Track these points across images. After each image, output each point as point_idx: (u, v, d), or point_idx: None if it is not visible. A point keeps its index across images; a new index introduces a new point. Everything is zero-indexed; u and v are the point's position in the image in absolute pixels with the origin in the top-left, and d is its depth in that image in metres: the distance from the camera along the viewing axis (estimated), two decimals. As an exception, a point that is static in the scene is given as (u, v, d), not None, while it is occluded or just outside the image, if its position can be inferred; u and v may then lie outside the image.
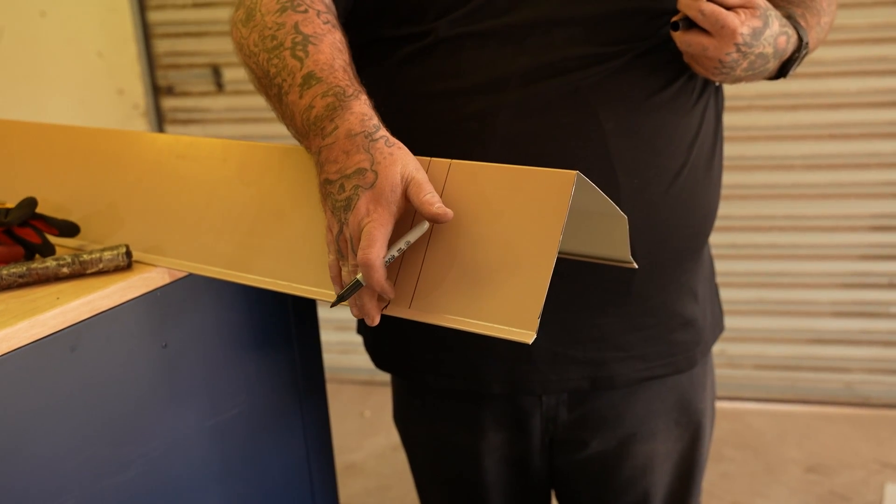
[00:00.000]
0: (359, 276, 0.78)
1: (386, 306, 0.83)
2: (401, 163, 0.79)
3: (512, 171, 0.80)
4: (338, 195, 0.80)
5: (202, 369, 0.98)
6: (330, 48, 0.87)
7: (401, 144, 0.81)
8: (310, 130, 0.84)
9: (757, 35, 0.95)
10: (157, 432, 0.93)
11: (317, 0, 0.93)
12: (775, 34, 0.97)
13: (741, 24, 0.93)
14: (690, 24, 0.95)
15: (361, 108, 0.82)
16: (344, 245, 0.80)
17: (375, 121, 0.82)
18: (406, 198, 0.79)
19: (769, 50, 0.97)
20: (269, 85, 0.89)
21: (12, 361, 0.78)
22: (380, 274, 0.77)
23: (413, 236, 0.79)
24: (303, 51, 0.87)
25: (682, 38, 0.96)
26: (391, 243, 0.78)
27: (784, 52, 1.00)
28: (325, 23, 0.91)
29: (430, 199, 0.78)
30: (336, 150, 0.81)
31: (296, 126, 0.87)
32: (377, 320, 0.82)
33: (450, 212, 0.78)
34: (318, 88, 0.84)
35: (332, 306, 0.83)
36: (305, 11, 0.91)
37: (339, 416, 2.76)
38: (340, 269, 0.83)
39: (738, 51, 0.95)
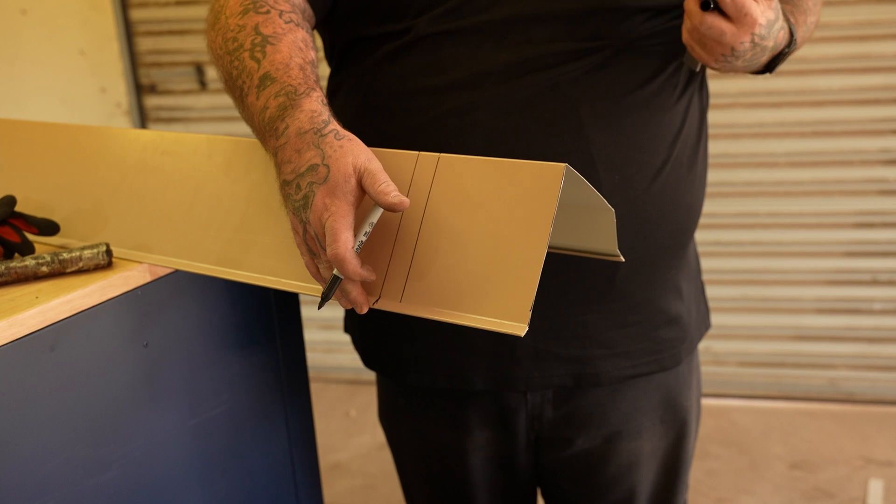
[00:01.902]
0: (335, 270, 0.79)
1: (377, 300, 0.83)
2: (351, 154, 0.79)
3: (501, 165, 0.80)
4: (295, 195, 0.80)
5: (184, 368, 0.97)
6: (289, 47, 0.88)
7: (352, 136, 0.81)
8: (266, 132, 0.85)
9: (770, 27, 0.94)
10: (139, 432, 0.93)
11: (280, 0, 0.94)
12: (779, 28, 0.97)
13: (761, 14, 0.92)
14: (711, 7, 0.93)
15: (311, 105, 0.82)
16: (313, 243, 0.81)
17: (325, 116, 0.82)
18: (361, 187, 0.79)
19: (770, 43, 0.97)
20: (232, 87, 0.90)
21: (-10, 361, 0.77)
22: (353, 265, 0.77)
23: (374, 217, 0.80)
24: (261, 52, 0.88)
25: (704, 19, 0.93)
26: (356, 229, 0.79)
27: (778, 46, 1.00)
28: (287, 22, 0.91)
29: (385, 189, 0.78)
30: (289, 150, 0.81)
31: (255, 128, 0.88)
32: (366, 308, 0.83)
33: (406, 200, 0.78)
34: (272, 89, 0.85)
35: (319, 308, 0.83)
36: (267, 12, 0.91)
37: (324, 415, 2.76)
38: (318, 268, 0.83)
39: (752, 41, 0.94)
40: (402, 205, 0.78)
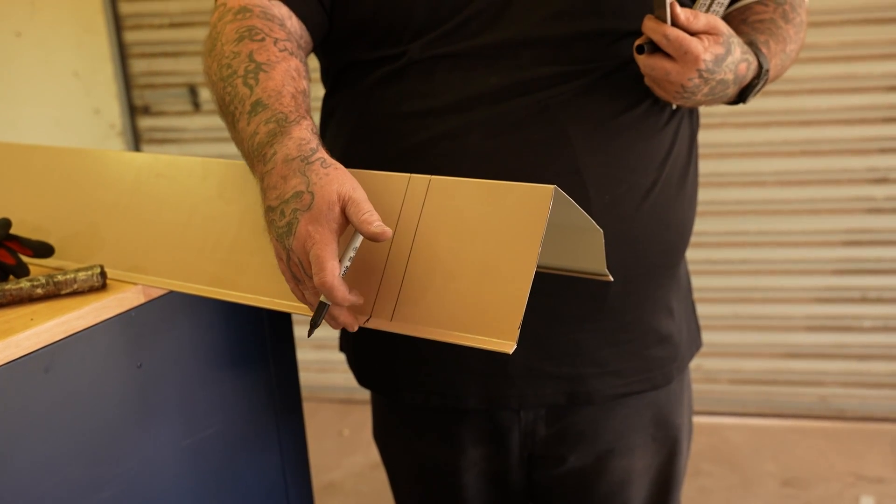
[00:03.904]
0: (322, 297, 0.79)
1: (368, 319, 0.84)
2: (337, 182, 0.79)
3: (491, 186, 0.81)
4: (279, 221, 0.80)
5: (178, 389, 0.98)
6: (282, 75, 0.89)
7: (338, 165, 0.82)
8: (254, 157, 0.85)
9: (719, 62, 0.96)
10: (132, 453, 0.93)
11: (276, 28, 0.95)
12: (737, 61, 0.99)
13: (704, 50, 0.94)
14: (654, 49, 0.96)
15: (300, 133, 0.83)
16: (297, 270, 0.81)
17: (314, 144, 0.83)
18: (345, 215, 0.79)
19: (730, 76, 0.99)
20: (226, 113, 0.91)
21: (-14, 383, 0.78)
22: (342, 291, 0.77)
23: (357, 242, 0.80)
24: (254, 78, 0.88)
25: (645, 62, 0.97)
26: (340, 255, 0.79)
27: (744, 78, 1.02)
28: (281, 50, 0.92)
29: (369, 219, 0.78)
30: (275, 176, 0.81)
31: (244, 153, 0.88)
32: (356, 326, 0.83)
33: (388, 230, 0.78)
34: (262, 115, 0.85)
35: (308, 336, 0.84)
36: (262, 40, 0.92)
37: (317, 434, 2.75)
38: (303, 294, 0.83)
39: (700, 76, 0.96)
40: (383, 235, 0.77)
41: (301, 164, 0.80)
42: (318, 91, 1.14)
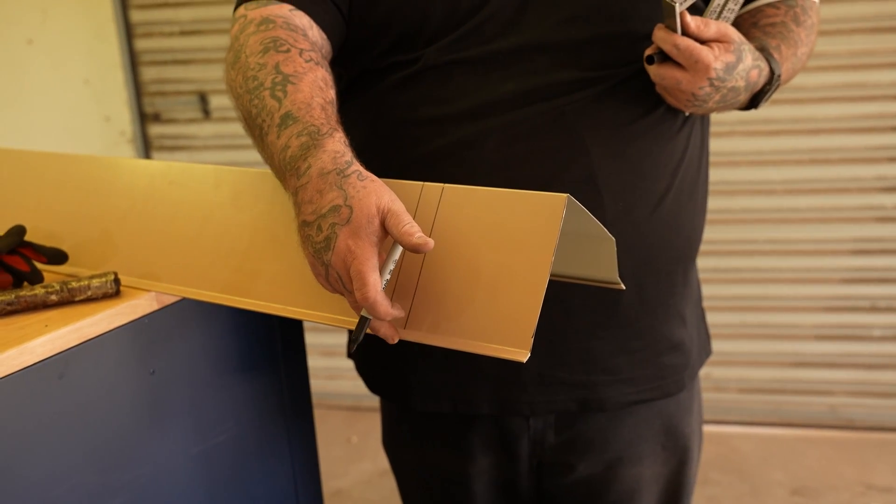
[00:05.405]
0: (363, 311, 0.79)
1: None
2: (375, 194, 0.79)
3: (504, 195, 0.81)
4: (316, 237, 0.79)
5: (189, 396, 0.98)
6: (310, 87, 0.88)
7: (374, 177, 0.81)
8: (286, 171, 0.84)
9: (730, 69, 0.96)
10: (145, 459, 0.93)
11: (300, 38, 0.94)
12: (748, 68, 0.99)
13: (715, 58, 0.94)
14: (665, 58, 0.96)
15: (334, 146, 0.82)
16: (336, 284, 0.80)
17: (348, 157, 0.82)
18: (384, 227, 0.79)
19: (741, 84, 0.99)
20: (252, 126, 0.90)
21: (0, 389, 0.78)
22: (384, 306, 0.77)
23: (396, 254, 0.80)
24: (282, 91, 0.87)
25: (656, 72, 0.97)
26: (380, 269, 0.79)
27: (756, 84, 1.02)
28: (307, 61, 0.91)
29: (410, 230, 0.77)
30: (310, 191, 0.80)
31: (275, 167, 0.87)
32: (396, 339, 0.83)
33: (430, 241, 0.77)
34: (293, 128, 0.84)
35: (349, 352, 0.84)
36: (287, 51, 0.91)
37: (325, 441, 2.74)
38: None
39: (711, 85, 0.96)
40: (425, 246, 0.76)
41: (337, 177, 0.79)
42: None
